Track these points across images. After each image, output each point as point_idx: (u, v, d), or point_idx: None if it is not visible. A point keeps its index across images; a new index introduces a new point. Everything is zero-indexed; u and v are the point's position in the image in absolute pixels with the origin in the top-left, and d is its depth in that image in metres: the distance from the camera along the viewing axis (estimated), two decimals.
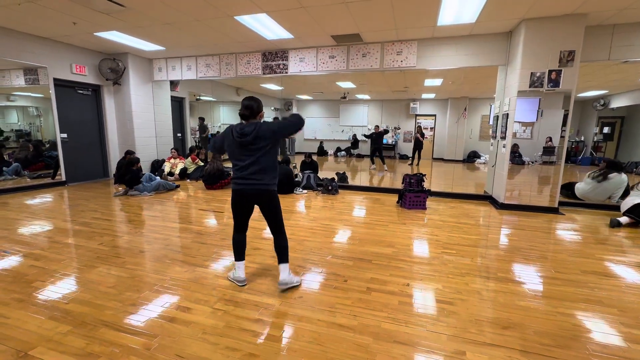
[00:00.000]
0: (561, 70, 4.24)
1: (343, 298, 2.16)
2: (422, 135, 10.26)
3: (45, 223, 3.71)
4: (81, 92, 6.33)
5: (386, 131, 9.64)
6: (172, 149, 7.16)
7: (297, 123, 2.12)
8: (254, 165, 2.07)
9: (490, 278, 2.50)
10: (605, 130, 10.81)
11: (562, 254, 3.04)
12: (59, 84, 5.86)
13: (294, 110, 13.77)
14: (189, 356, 1.57)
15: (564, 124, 4.52)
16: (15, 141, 6.82)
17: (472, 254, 2.99)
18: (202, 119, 9.94)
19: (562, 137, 4.58)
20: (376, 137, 9.16)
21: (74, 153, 6.22)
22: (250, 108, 2.10)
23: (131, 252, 2.90)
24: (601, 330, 1.86)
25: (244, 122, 2.12)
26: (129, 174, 5.27)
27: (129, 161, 5.39)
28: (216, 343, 1.68)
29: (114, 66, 6.37)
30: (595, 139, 11.12)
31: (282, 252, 2.27)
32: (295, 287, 2.28)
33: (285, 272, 2.23)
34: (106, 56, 6.46)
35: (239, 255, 2.33)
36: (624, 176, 4.77)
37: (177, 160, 6.97)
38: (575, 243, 3.40)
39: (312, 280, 2.41)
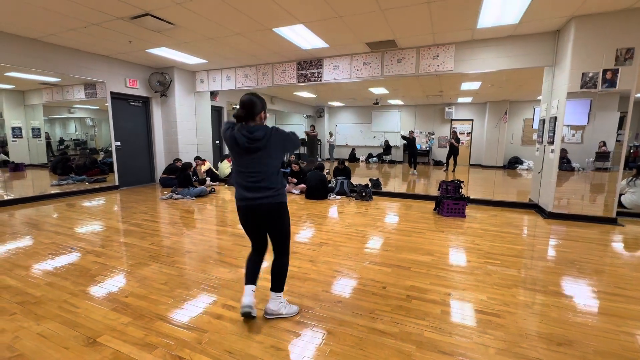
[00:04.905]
0: (618, 69, 3.92)
1: (382, 305, 2.14)
2: (457, 140, 10.00)
3: (103, 223, 4.07)
4: (133, 104, 6.91)
5: (408, 137, 9.66)
6: (195, 159, 7.25)
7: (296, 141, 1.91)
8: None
9: (540, 291, 2.35)
10: None
11: (622, 269, 2.79)
12: (115, 97, 6.44)
13: (326, 118, 13.90)
14: (237, 352, 1.65)
15: (620, 127, 4.16)
16: (73, 149, 7.56)
17: (518, 265, 2.83)
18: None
19: (617, 141, 4.21)
20: (411, 143, 9.21)
21: (126, 160, 6.77)
22: (253, 105, 1.75)
23: (179, 252, 3.10)
24: None
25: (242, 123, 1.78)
26: (183, 176, 6.05)
27: (183, 166, 6.18)
28: (261, 342, 1.74)
29: (161, 79, 6.88)
30: None
31: (276, 278, 1.93)
32: (287, 318, 1.96)
33: (275, 301, 1.93)
34: (155, 70, 7.00)
35: (249, 278, 1.93)
36: None
37: (205, 164, 7.35)
38: (638, 257, 3.10)
39: (350, 286, 2.42)
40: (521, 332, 1.85)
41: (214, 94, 8.25)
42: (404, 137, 9.65)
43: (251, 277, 1.94)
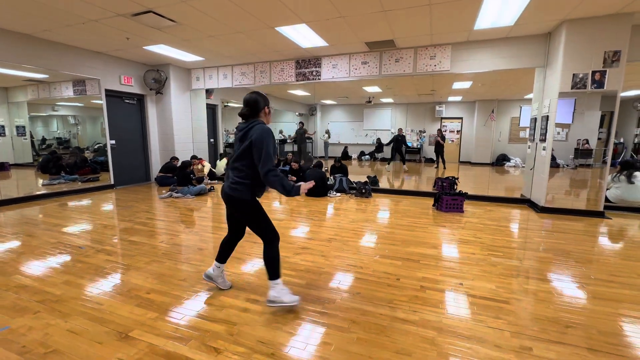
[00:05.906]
0: (606, 71, 4.16)
1: (399, 295, 2.25)
2: (443, 138, 10.34)
3: (107, 223, 4.03)
4: (128, 101, 6.79)
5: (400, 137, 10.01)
6: (192, 157, 7.19)
7: (275, 180, 1.84)
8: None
9: (542, 280, 2.51)
10: None
11: (614, 258, 2.99)
12: (109, 94, 6.32)
13: (318, 116, 13.95)
14: (269, 342, 1.72)
15: (601, 125, 4.42)
16: (56, 147, 7.35)
17: (519, 256, 3.00)
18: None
19: (599, 139, 4.48)
20: (400, 140, 9.65)
21: (121, 158, 6.66)
22: (256, 103, 1.95)
23: (191, 249, 3.13)
24: None
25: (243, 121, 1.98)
26: (182, 174, 6.07)
27: (183, 164, 6.18)
28: (291, 332, 1.82)
29: (157, 77, 6.78)
30: (637, 140, 10.60)
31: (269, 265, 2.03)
32: (288, 307, 2.02)
33: (273, 289, 2.00)
34: (150, 67, 6.89)
35: (219, 257, 2.23)
36: None
37: (203, 162, 7.33)
38: (627, 247, 3.32)
39: (365, 279, 2.51)
40: (531, 317, 1.99)
41: (208, 92, 8.18)
42: (390, 141, 10.00)
43: (221, 256, 2.23)
